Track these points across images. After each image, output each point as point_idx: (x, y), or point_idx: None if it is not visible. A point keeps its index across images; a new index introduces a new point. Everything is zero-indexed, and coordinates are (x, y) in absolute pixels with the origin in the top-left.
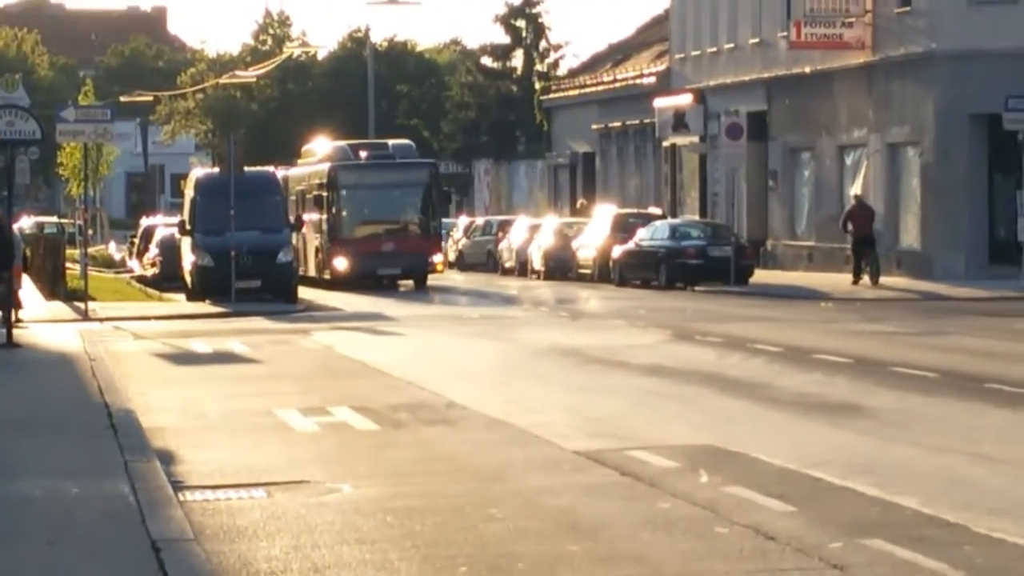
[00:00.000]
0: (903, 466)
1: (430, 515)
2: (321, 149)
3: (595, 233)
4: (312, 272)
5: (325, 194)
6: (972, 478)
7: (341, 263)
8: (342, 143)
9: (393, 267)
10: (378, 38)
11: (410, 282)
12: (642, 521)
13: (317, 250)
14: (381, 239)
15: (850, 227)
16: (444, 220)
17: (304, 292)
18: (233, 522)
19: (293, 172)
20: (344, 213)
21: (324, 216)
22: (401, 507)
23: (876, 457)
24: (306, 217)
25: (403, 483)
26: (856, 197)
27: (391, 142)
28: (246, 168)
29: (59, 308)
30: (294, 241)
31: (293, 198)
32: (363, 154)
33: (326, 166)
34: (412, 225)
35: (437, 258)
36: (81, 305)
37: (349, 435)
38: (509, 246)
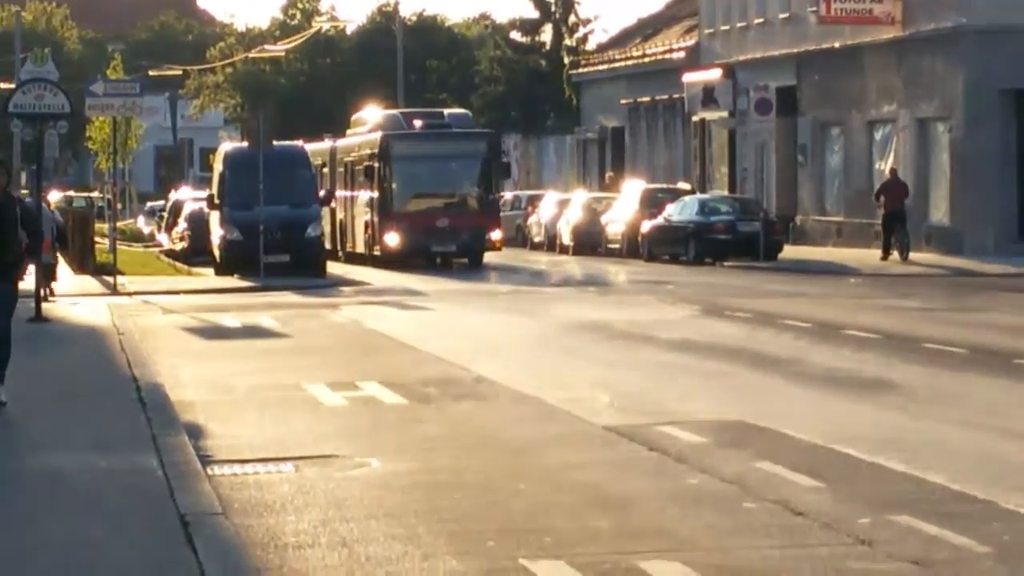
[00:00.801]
0: (932, 442)
1: (458, 490)
2: (372, 118)
3: (624, 208)
4: (360, 248)
5: (376, 165)
6: (1001, 454)
7: (392, 239)
8: (394, 111)
9: (448, 244)
10: (407, 12)
11: (465, 260)
12: (670, 496)
13: (367, 226)
14: (436, 214)
15: (882, 200)
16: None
17: (350, 271)
18: (261, 496)
19: (341, 143)
20: (396, 186)
21: (375, 189)
22: (429, 482)
23: (904, 433)
24: (355, 192)
25: (431, 458)
26: (892, 171)
27: (446, 111)
28: (275, 142)
29: (88, 282)
30: (339, 215)
31: (341, 170)
32: (417, 123)
33: (377, 135)
34: (469, 199)
35: (496, 235)
36: (110, 279)
37: (378, 409)
38: (538, 221)
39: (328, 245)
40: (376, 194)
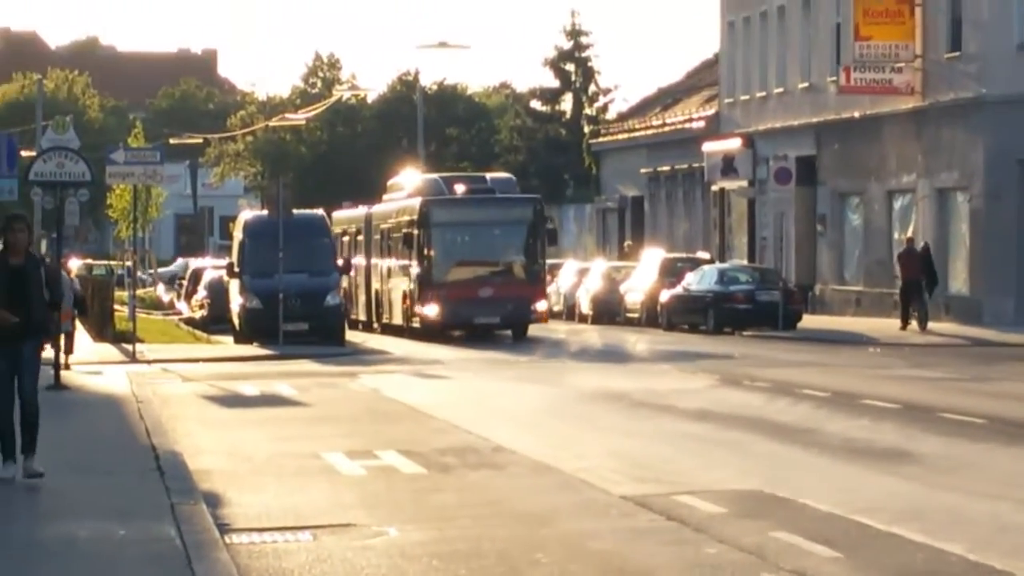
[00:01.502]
0: (950, 512)
1: (476, 559)
2: (410, 182)
3: (643, 277)
4: (397, 319)
5: (416, 232)
6: (1019, 524)
7: (432, 310)
8: (434, 175)
9: (492, 315)
10: (427, 81)
11: (508, 332)
12: (689, 566)
13: (405, 296)
14: (479, 283)
15: (897, 271)
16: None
17: (372, 339)
18: (279, 564)
19: (377, 209)
20: (436, 253)
21: (413, 257)
22: (447, 551)
23: (923, 503)
24: (392, 260)
25: (449, 527)
26: (908, 240)
27: (489, 175)
28: (295, 211)
29: (107, 350)
30: (374, 284)
31: (377, 237)
32: (459, 188)
33: (417, 201)
34: (514, 268)
35: (541, 305)
36: (129, 347)
37: (395, 478)
38: (557, 290)
39: (363, 316)
40: (415, 262)
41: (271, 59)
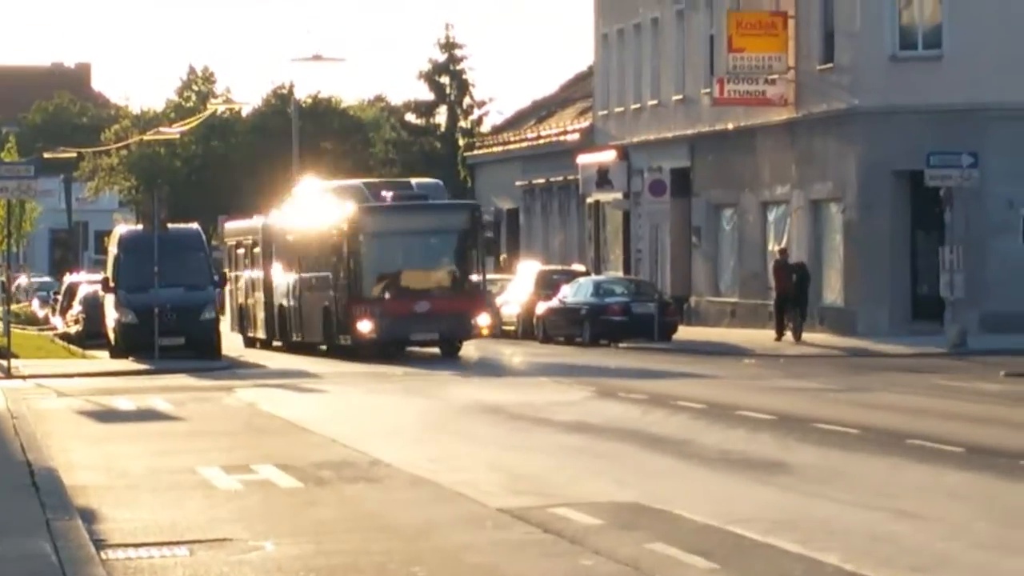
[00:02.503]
0: (825, 522)
1: (352, 573)
2: (321, 190)
3: (519, 290)
4: (315, 338)
5: (343, 242)
6: (893, 534)
7: (365, 326)
8: (356, 181)
9: (430, 331)
10: (302, 94)
11: (436, 350)
12: None
13: (327, 312)
14: (416, 297)
15: (772, 283)
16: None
17: (291, 361)
18: None
19: (279, 220)
20: (369, 265)
21: (341, 271)
22: (324, 565)
23: (798, 513)
24: (303, 274)
25: (326, 541)
26: (781, 252)
27: (414, 181)
28: (170, 225)
29: None
30: (277, 300)
31: (281, 248)
32: (387, 194)
33: (345, 208)
34: (453, 280)
35: (483, 320)
36: (3, 363)
37: (272, 493)
38: None
39: (261, 334)
40: (341, 275)
41: (145, 73)
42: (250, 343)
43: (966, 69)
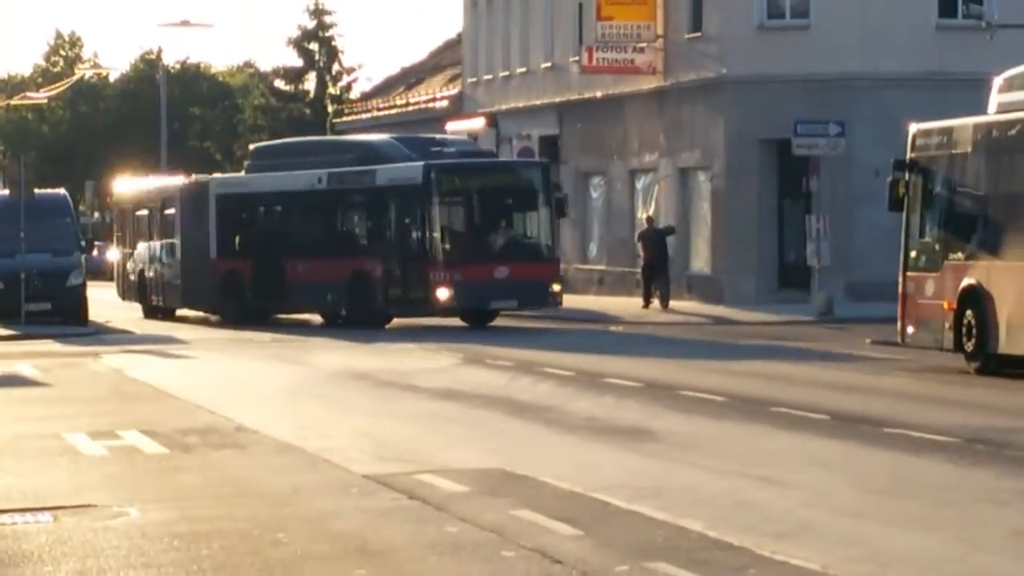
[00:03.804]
0: (689, 489)
1: (217, 539)
2: (345, 145)
3: None
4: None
5: (414, 204)
6: (757, 501)
7: (443, 293)
8: (384, 136)
9: (509, 298)
10: (171, 60)
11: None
12: (429, 545)
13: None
14: (494, 262)
15: (639, 251)
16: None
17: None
18: (18, 547)
19: (264, 177)
20: (444, 228)
21: (415, 231)
22: (188, 531)
23: (663, 480)
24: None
25: (191, 507)
26: (648, 219)
27: (455, 137)
28: (37, 191)
29: None
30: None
31: (260, 211)
32: (446, 149)
33: (417, 166)
34: (530, 244)
35: (557, 287)
36: None
37: (138, 459)
38: None
39: (179, 305)
40: (413, 238)
41: (11, 37)
42: (151, 312)
43: (833, 39)
